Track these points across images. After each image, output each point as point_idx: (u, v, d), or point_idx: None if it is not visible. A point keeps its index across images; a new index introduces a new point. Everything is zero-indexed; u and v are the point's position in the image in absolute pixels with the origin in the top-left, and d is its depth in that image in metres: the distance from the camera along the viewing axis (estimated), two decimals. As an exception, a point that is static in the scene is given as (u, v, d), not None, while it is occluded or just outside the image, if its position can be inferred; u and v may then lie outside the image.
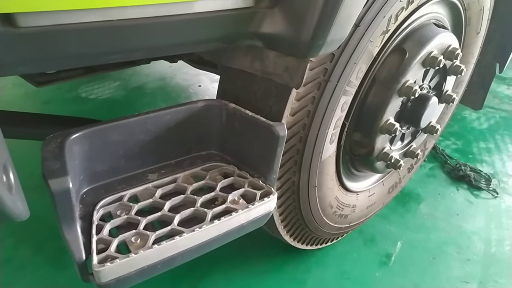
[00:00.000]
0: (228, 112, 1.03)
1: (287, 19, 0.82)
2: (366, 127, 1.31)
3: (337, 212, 1.46)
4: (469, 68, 1.73)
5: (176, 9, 0.71)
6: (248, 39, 0.86)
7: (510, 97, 3.12)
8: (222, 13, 0.78)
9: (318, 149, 1.17)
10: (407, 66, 1.25)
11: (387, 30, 1.11)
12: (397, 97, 1.28)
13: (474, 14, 1.49)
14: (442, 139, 2.51)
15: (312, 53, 0.84)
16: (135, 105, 2.62)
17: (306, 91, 1.04)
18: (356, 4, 0.85)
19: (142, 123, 0.94)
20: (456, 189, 2.12)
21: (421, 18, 1.27)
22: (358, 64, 1.09)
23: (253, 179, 1.01)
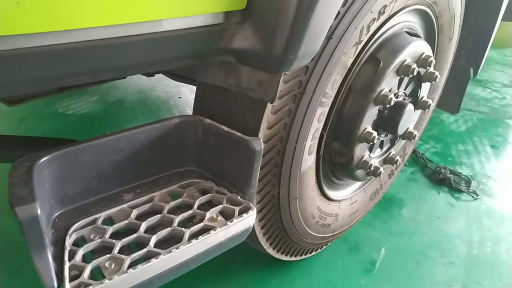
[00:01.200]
0: (204, 128, 1.02)
1: (258, 34, 0.82)
2: (344, 137, 1.32)
3: (319, 222, 1.46)
4: (443, 74, 1.76)
5: (143, 28, 0.70)
6: (219, 55, 0.86)
7: (486, 99, 3.19)
8: (191, 31, 0.77)
9: (297, 161, 1.16)
10: (381, 75, 1.26)
11: (360, 41, 1.12)
12: (374, 105, 1.29)
13: (446, 21, 1.52)
14: (421, 143, 2.54)
15: (284, 67, 0.84)
16: (114, 120, 2.58)
17: (282, 104, 1.04)
18: (326, 18, 0.85)
19: (114, 143, 0.92)
20: (437, 192, 2.15)
21: (393, 28, 1.29)
22: (332, 76, 1.09)
23: (232, 195, 1.00)
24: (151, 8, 0.69)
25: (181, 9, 0.73)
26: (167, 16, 0.72)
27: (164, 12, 0.71)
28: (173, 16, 0.73)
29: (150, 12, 0.69)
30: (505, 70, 3.75)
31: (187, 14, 0.74)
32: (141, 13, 0.67)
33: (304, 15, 0.79)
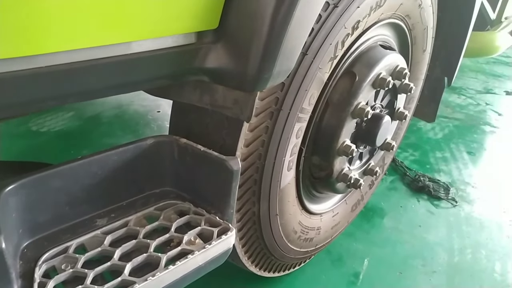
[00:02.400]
0: (179, 147, 0.99)
1: (231, 53, 0.80)
2: (324, 151, 1.31)
3: (301, 237, 1.45)
4: (418, 84, 1.78)
5: (111, 51, 0.68)
6: (193, 75, 0.84)
7: (461, 106, 3.26)
8: (163, 52, 0.76)
9: (276, 177, 1.15)
10: (358, 89, 1.26)
11: (335, 56, 1.13)
12: (351, 119, 1.29)
13: (419, 33, 1.55)
14: (400, 151, 2.57)
15: (259, 86, 0.82)
16: (91, 136, 2.52)
17: (259, 121, 1.02)
18: (300, 35, 0.85)
19: (86, 167, 0.88)
20: (417, 200, 2.17)
21: (367, 42, 1.30)
22: (309, 91, 1.09)
23: (210, 216, 0.97)
24: (119, 30, 0.67)
25: (151, 31, 0.71)
26: (136, 38, 0.70)
27: (133, 34, 0.69)
28: (142, 38, 0.71)
29: (117, 34, 0.67)
30: (478, 77, 3.86)
31: (157, 35, 0.73)
32: (108, 35, 0.65)
33: (277, 33, 0.78)
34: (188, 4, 0.74)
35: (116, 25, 0.66)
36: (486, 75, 3.88)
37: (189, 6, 0.74)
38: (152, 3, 0.69)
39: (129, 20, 0.67)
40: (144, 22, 0.70)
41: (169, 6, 0.72)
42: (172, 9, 0.72)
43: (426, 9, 1.47)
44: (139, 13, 0.68)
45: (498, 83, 3.77)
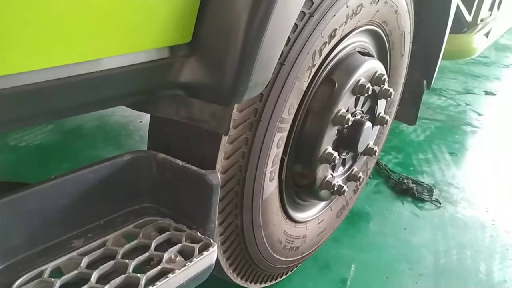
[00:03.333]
0: (157, 163, 0.97)
1: (206, 67, 0.79)
2: (306, 159, 1.31)
3: (287, 246, 1.43)
4: (398, 88, 1.80)
5: (80, 69, 0.66)
6: (168, 89, 0.82)
7: (442, 107, 3.31)
8: (135, 67, 0.74)
9: (258, 188, 1.14)
10: (337, 96, 1.26)
11: (313, 65, 1.12)
12: (332, 126, 1.29)
13: (397, 39, 1.56)
14: (383, 154, 2.59)
15: (235, 99, 0.81)
16: (72, 149, 2.47)
17: (238, 133, 1.01)
18: (276, 47, 0.84)
19: (60, 187, 0.86)
20: (402, 203, 2.18)
21: (346, 49, 1.30)
22: (288, 101, 1.08)
23: (191, 232, 0.95)
24: (86, 48, 0.65)
25: (122, 47, 0.70)
26: (106, 55, 0.68)
27: (102, 51, 0.67)
28: (112, 54, 0.69)
29: (85, 52, 0.65)
30: (458, 77, 3.92)
31: (128, 51, 0.71)
32: (75, 54, 0.63)
33: (251, 46, 0.77)
34: (160, 18, 0.72)
35: (83, 43, 0.64)
36: (465, 75, 3.95)
37: (161, 20, 0.73)
38: (122, 19, 0.68)
39: (97, 37, 0.65)
40: (113, 38, 0.68)
41: (140, 21, 0.70)
42: (144, 24, 0.71)
43: (403, 15, 1.49)
44: (108, 29, 0.67)
45: (477, 83, 3.84)
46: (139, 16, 0.70)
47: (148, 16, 0.71)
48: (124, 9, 0.67)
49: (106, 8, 0.65)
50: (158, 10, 0.72)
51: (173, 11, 0.74)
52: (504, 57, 4.63)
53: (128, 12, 0.68)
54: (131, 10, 0.68)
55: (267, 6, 0.76)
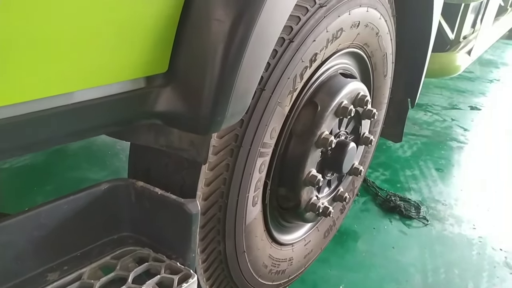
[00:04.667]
0: (136, 191, 0.95)
1: (183, 97, 0.78)
2: (290, 182, 1.30)
3: (273, 270, 1.41)
4: (382, 108, 1.81)
5: (51, 103, 0.64)
6: (145, 119, 0.81)
7: (428, 123, 3.34)
8: (110, 98, 0.73)
9: (241, 214, 1.12)
10: (320, 119, 1.26)
11: (295, 89, 1.12)
12: (316, 148, 1.29)
13: (379, 60, 1.58)
14: (371, 171, 2.59)
15: (212, 129, 0.80)
16: (55, 170, 2.43)
17: (219, 159, 1.00)
18: (253, 75, 0.84)
19: (34, 219, 0.83)
20: (389, 221, 2.18)
21: (328, 71, 1.31)
22: (269, 126, 1.08)
23: (171, 262, 0.93)
24: (58, 82, 0.63)
25: (95, 79, 0.69)
26: (79, 87, 0.67)
27: (75, 84, 0.66)
28: (85, 87, 0.68)
29: (57, 86, 0.64)
30: (443, 93, 3.98)
31: (102, 84, 0.70)
32: (46, 88, 0.62)
33: (228, 75, 0.77)
34: (135, 50, 0.72)
35: (54, 77, 0.63)
36: (451, 91, 4.01)
37: (136, 52, 0.72)
38: (95, 51, 0.67)
39: (69, 70, 0.64)
40: (86, 71, 0.67)
41: (114, 53, 0.69)
42: (118, 56, 0.70)
43: (384, 36, 1.50)
44: (81, 62, 0.66)
45: (463, 98, 3.90)
46: (113, 48, 0.69)
47: (122, 47, 0.70)
48: (97, 41, 0.66)
49: (78, 40, 0.64)
50: (132, 41, 0.71)
51: (148, 42, 0.73)
52: (488, 72, 4.72)
53: (101, 45, 0.67)
54: (104, 43, 0.67)
55: (243, 36, 0.76)
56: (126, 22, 0.69)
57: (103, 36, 0.67)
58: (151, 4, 0.71)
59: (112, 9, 0.66)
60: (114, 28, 0.68)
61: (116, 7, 0.66)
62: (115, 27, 0.68)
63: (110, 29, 0.67)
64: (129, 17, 0.69)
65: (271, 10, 0.81)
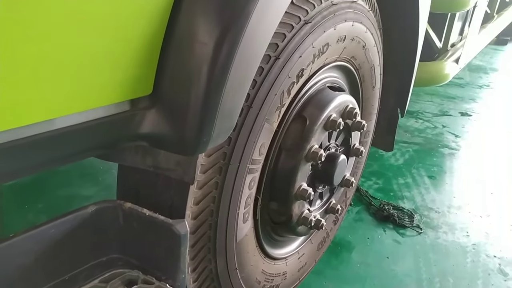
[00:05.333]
0: (124, 212, 0.95)
1: (168, 118, 0.78)
2: (281, 197, 1.30)
3: (266, 285, 1.40)
4: (372, 119, 1.82)
5: (32, 130, 0.64)
6: (130, 141, 0.81)
7: (419, 130, 3.36)
8: (94, 123, 0.72)
9: (231, 231, 1.12)
10: (309, 133, 1.27)
11: (282, 105, 1.13)
12: (306, 162, 1.29)
13: (367, 72, 1.59)
14: (364, 180, 2.60)
15: (199, 150, 0.80)
16: (47, 187, 2.41)
17: (207, 178, 1.00)
18: (238, 95, 0.84)
19: (19, 245, 0.82)
20: (383, 230, 2.17)
21: (315, 85, 1.32)
22: (258, 142, 1.08)
23: (160, 284, 0.92)
24: (39, 109, 0.63)
25: (78, 105, 0.68)
26: (61, 114, 0.67)
27: (57, 111, 0.66)
28: (68, 113, 0.68)
29: (37, 113, 0.63)
30: (434, 100, 4.01)
31: (85, 109, 0.70)
32: (26, 116, 0.62)
33: (213, 96, 0.77)
34: (118, 74, 0.72)
35: (35, 104, 0.63)
36: (441, 97, 4.04)
37: (119, 75, 0.72)
38: (76, 77, 0.67)
39: (50, 97, 0.64)
40: (68, 97, 0.67)
41: (97, 78, 0.69)
42: (101, 80, 0.70)
43: (371, 49, 1.52)
44: (63, 89, 0.65)
45: (453, 104, 3.93)
46: (96, 73, 0.69)
47: (105, 72, 0.70)
48: (79, 67, 0.66)
49: (59, 67, 0.64)
50: (115, 65, 0.71)
51: (131, 66, 0.73)
52: (478, 78, 4.77)
53: (83, 70, 0.67)
54: (86, 68, 0.67)
55: (227, 56, 0.77)
56: (108, 46, 0.69)
57: (85, 61, 0.67)
58: (134, 27, 0.71)
59: (94, 35, 0.66)
60: (96, 52, 0.68)
61: (98, 33, 0.67)
62: (97, 51, 0.68)
63: (92, 53, 0.67)
64: (112, 42, 0.69)
65: (254, 29, 0.81)
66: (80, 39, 0.65)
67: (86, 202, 2.25)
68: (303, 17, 1.08)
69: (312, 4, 1.10)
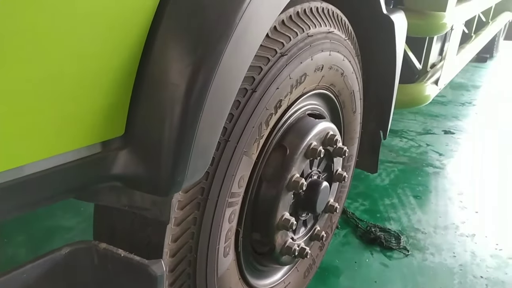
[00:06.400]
0: (99, 254, 0.92)
1: (141, 159, 0.77)
2: (263, 227, 1.28)
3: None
4: (354, 143, 1.83)
5: (1, 177, 0.62)
6: (103, 183, 0.79)
7: (404, 149, 3.39)
8: (65, 166, 0.71)
9: (212, 267, 1.10)
10: (290, 162, 1.26)
11: (261, 136, 1.13)
12: (287, 192, 1.28)
13: (347, 98, 1.61)
14: (350, 201, 2.59)
15: (173, 190, 0.79)
16: (27, 219, 2.35)
17: (185, 214, 0.98)
18: (213, 132, 0.84)
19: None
20: (371, 253, 2.16)
21: (295, 114, 1.32)
22: (237, 175, 1.07)
23: (137, 327, 0.89)
24: (6, 157, 0.62)
25: (47, 150, 0.67)
26: (30, 160, 0.65)
27: (24, 158, 0.64)
28: (37, 159, 0.66)
29: (4, 161, 0.62)
30: (417, 118, 4.07)
31: (55, 154, 0.68)
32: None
33: (186, 135, 0.77)
34: (89, 116, 0.71)
35: (3, 151, 0.61)
36: (424, 115, 4.11)
37: (90, 118, 0.71)
38: (45, 121, 0.65)
39: (17, 144, 0.63)
40: (36, 143, 0.65)
41: (67, 121, 0.68)
42: (71, 124, 0.69)
43: (349, 76, 1.54)
44: (30, 135, 0.64)
45: (436, 122, 3.99)
46: (66, 117, 0.68)
47: (75, 115, 0.69)
48: (48, 112, 0.65)
49: (27, 113, 0.63)
50: (86, 108, 0.70)
51: (103, 107, 0.73)
52: (460, 95, 4.87)
53: (53, 114, 0.66)
54: (55, 112, 0.66)
55: (199, 95, 0.76)
56: (79, 89, 0.68)
57: (54, 105, 0.66)
58: (106, 69, 0.70)
59: (62, 79, 0.65)
60: (65, 96, 0.67)
61: (67, 77, 0.66)
62: (66, 95, 0.67)
63: (61, 97, 0.66)
64: (83, 85, 0.69)
65: (228, 66, 0.82)
66: (48, 85, 0.64)
67: (68, 233, 2.21)
68: (279, 50, 1.09)
69: (287, 37, 1.12)
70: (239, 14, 0.80)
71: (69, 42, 0.63)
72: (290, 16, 1.13)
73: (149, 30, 0.75)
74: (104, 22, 0.67)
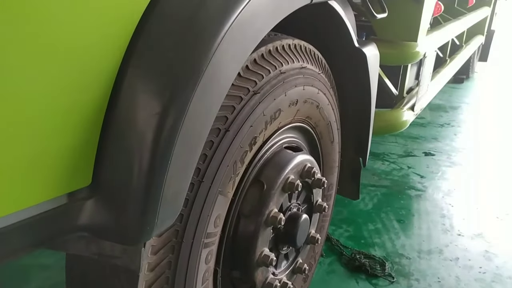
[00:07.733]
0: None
1: (108, 208, 0.76)
2: (242, 265, 1.26)
3: None
4: (334, 172, 1.84)
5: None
6: (69, 234, 0.77)
7: (386, 172, 3.42)
8: (28, 221, 0.69)
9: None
10: (267, 197, 1.26)
11: (236, 174, 1.12)
12: (266, 227, 1.27)
13: (324, 129, 1.62)
14: (335, 228, 2.58)
15: (142, 239, 0.78)
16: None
17: (159, 258, 0.96)
18: (182, 177, 0.83)
19: None
20: (356, 282, 2.14)
21: (271, 149, 1.33)
22: (212, 215, 1.06)
23: None
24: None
25: (9, 206, 0.65)
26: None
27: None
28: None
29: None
30: (398, 141, 4.12)
31: (17, 209, 0.66)
32: None
33: (154, 182, 0.76)
34: (53, 169, 0.69)
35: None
36: (405, 138, 4.17)
37: (54, 170, 0.70)
38: (6, 176, 0.64)
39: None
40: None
41: (29, 175, 0.67)
42: (34, 178, 0.67)
43: (325, 107, 1.56)
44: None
45: (417, 145, 4.05)
46: (28, 170, 0.66)
47: (41, 166, 0.68)
48: (8, 165, 0.64)
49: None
50: (51, 159, 0.69)
51: (69, 157, 0.71)
52: (438, 117, 4.97)
53: (13, 167, 0.65)
54: (19, 163, 0.65)
55: (167, 141, 0.76)
56: (44, 140, 0.67)
57: (14, 157, 0.64)
58: (70, 119, 0.70)
59: (24, 128, 0.64)
60: (27, 147, 0.66)
61: (28, 127, 0.65)
62: (29, 146, 0.66)
63: (22, 148, 0.65)
64: (47, 135, 0.68)
65: (197, 108, 0.82)
66: (7, 137, 0.63)
67: (44, 272, 2.13)
68: (252, 88, 1.10)
69: (260, 75, 1.13)
70: (207, 59, 0.80)
71: (28, 86, 0.62)
72: (262, 54, 1.15)
73: (117, 73, 0.75)
74: (72, 65, 0.66)
